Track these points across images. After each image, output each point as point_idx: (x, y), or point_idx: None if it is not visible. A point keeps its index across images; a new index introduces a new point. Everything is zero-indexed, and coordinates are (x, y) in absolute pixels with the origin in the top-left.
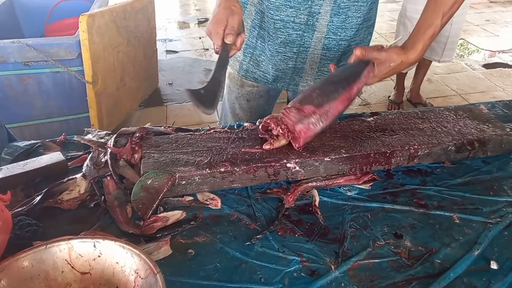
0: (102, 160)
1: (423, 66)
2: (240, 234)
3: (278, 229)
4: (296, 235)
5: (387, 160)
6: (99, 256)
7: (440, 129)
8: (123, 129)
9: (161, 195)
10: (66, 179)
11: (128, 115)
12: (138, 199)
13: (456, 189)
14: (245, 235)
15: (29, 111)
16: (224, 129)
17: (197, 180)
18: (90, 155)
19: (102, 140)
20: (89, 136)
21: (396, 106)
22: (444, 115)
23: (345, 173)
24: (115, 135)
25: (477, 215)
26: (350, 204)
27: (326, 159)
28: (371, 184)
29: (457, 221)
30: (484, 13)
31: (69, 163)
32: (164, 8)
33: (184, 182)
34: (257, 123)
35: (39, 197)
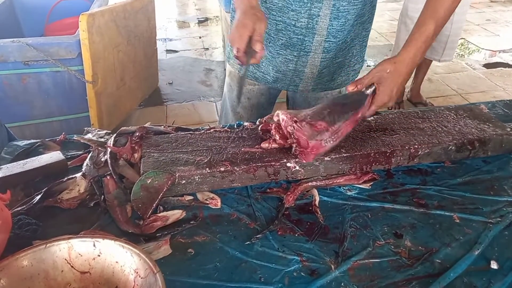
0: (102, 160)
1: (423, 65)
2: (240, 233)
3: (278, 229)
4: (296, 235)
5: (387, 159)
6: (99, 256)
7: (440, 129)
8: (123, 128)
9: (161, 194)
10: (66, 178)
11: (128, 115)
12: (138, 199)
13: (457, 188)
14: (245, 234)
15: (29, 110)
16: (224, 129)
17: (197, 179)
18: (90, 155)
19: (102, 140)
20: (89, 136)
21: (396, 106)
22: (445, 115)
23: (345, 172)
24: (115, 135)
25: (478, 215)
26: (350, 204)
27: (326, 159)
28: (371, 183)
29: (457, 221)
30: (484, 13)
31: (69, 163)
32: (164, 7)
33: (184, 181)
34: (257, 123)
35: (38, 197)
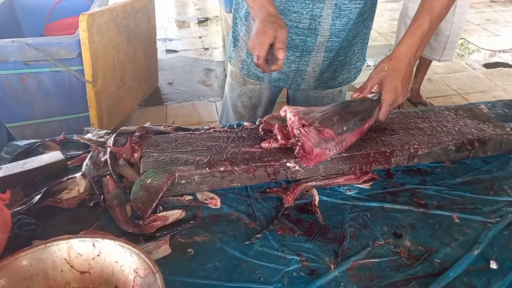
0: (102, 159)
1: (423, 65)
2: (240, 233)
3: (277, 229)
4: (296, 235)
5: (387, 159)
6: (98, 255)
7: (440, 129)
8: (122, 128)
9: (161, 194)
10: (65, 178)
11: (128, 115)
12: (138, 198)
13: (456, 188)
14: (245, 234)
15: (29, 110)
16: (224, 129)
17: (196, 179)
18: (89, 154)
19: (102, 140)
20: (89, 136)
21: (396, 106)
22: (444, 115)
23: (344, 172)
24: (114, 134)
25: (477, 215)
26: (349, 204)
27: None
28: (370, 183)
29: (457, 221)
30: (484, 13)
31: (68, 162)
32: (164, 7)
33: (183, 181)
34: (257, 123)
35: (38, 196)
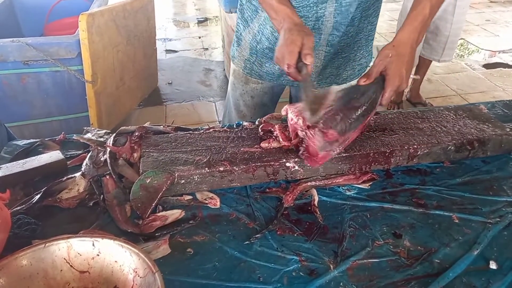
0: (101, 159)
1: (423, 66)
2: (239, 233)
3: (277, 229)
4: (295, 235)
5: (387, 159)
6: (98, 255)
7: (439, 129)
8: (122, 128)
9: (160, 194)
10: (65, 178)
11: (127, 114)
12: (137, 198)
13: (456, 189)
14: (244, 234)
15: (28, 110)
16: (224, 128)
17: (196, 179)
18: (89, 154)
19: (102, 139)
20: (89, 135)
21: (395, 106)
22: (444, 115)
23: (344, 172)
24: (114, 134)
25: (477, 215)
26: (349, 204)
27: None
28: (370, 183)
29: (457, 221)
30: (484, 13)
31: (68, 162)
32: (164, 7)
33: (183, 181)
34: (257, 123)
35: (38, 196)
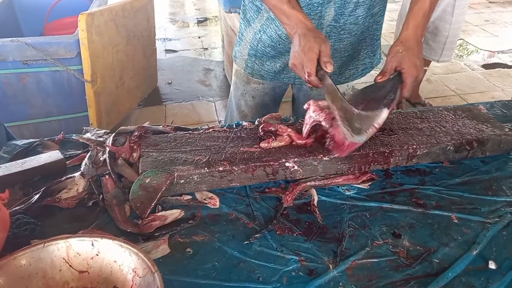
0: (101, 159)
1: None
2: (239, 233)
3: (276, 228)
4: (295, 234)
5: (386, 159)
6: (97, 255)
7: (439, 129)
8: (122, 128)
9: (160, 194)
10: (64, 177)
11: (127, 114)
12: (137, 198)
13: (455, 188)
14: (244, 234)
15: (28, 110)
16: (223, 128)
17: (195, 179)
18: (88, 154)
19: (101, 139)
20: (88, 135)
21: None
22: (443, 115)
23: (343, 172)
24: (113, 134)
25: (476, 215)
26: (348, 204)
27: (324, 159)
28: (369, 183)
29: (456, 221)
30: (483, 13)
31: (67, 162)
32: (164, 7)
33: (182, 181)
34: (256, 123)
35: (37, 196)
